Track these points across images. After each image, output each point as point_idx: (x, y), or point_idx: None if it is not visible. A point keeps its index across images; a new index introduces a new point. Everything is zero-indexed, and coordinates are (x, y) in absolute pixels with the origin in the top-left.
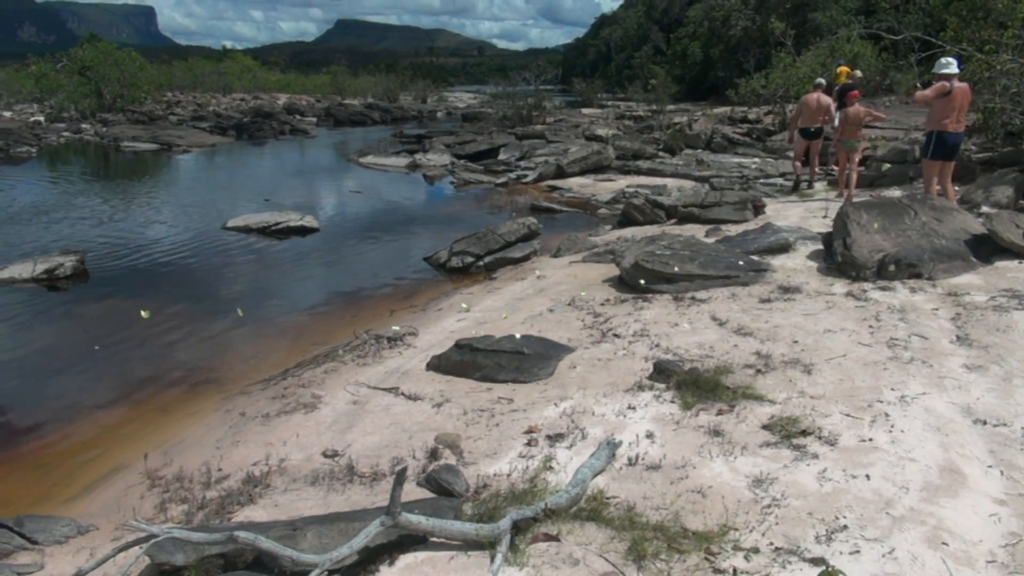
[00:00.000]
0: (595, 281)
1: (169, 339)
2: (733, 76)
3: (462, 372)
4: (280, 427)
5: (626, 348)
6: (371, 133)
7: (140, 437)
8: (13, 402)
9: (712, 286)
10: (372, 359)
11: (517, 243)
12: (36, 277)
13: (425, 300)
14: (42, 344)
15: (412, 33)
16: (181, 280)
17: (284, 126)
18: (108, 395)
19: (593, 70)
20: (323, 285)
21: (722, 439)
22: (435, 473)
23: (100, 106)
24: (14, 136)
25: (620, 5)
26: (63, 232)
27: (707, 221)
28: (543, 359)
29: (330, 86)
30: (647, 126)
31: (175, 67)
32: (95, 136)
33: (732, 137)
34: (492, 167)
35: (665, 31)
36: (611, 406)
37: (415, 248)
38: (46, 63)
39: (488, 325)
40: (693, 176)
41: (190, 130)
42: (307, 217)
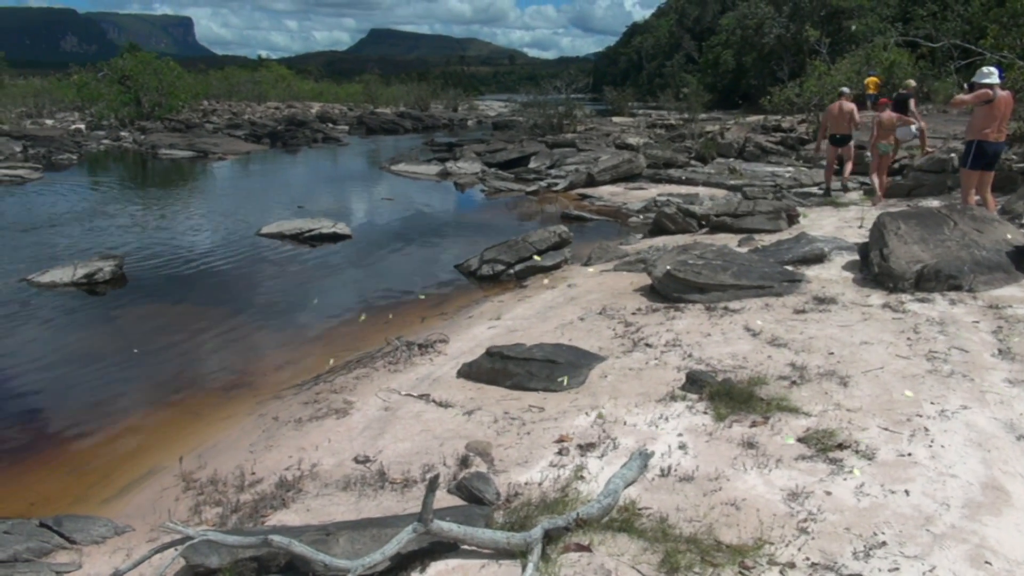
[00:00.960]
0: (626, 290)
1: (204, 343)
2: (766, 84)
3: (493, 380)
4: (312, 432)
5: (658, 358)
6: (402, 141)
7: (175, 440)
8: (53, 403)
9: (745, 296)
10: (403, 365)
11: (548, 251)
12: (76, 281)
13: (456, 307)
14: (82, 347)
15: (444, 42)
16: (216, 285)
17: (317, 134)
18: (144, 398)
19: (624, 78)
20: (355, 292)
21: (756, 451)
22: (466, 481)
23: (139, 114)
24: (56, 144)
25: (652, 14)
26: (102, 237)
27: (740, 230)
28: (574, 368)
29: (362, 95)
30: (679, 134)
31: (211, 76)
32: (133, 144)
33: (765, 146)
34: (522, 175)
35: (697, 39)
36: (643, 416)
37: (446, 255)
38: (87, 73)
39: (519, 333)
40: (725, 185)
41: (225, 138)
42: (339, 224)
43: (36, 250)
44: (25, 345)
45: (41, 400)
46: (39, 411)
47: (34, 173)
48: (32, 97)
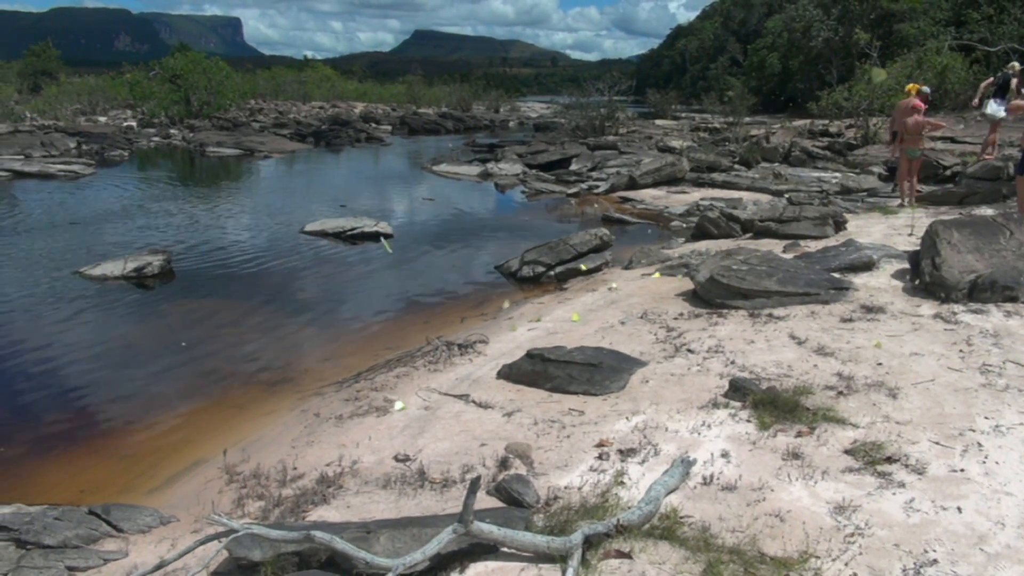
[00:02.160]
0: (668, 295)
1: (248, 338)
2: (813, 88)
3: (533, 382)
4: (353, 429)
5: (700, 364)
6: (444, 142)
7: (219, 433)
8: (104, 393)
9: (790, 303)
10: (444, 365)
11: (588, 254)
12: (126, 275)
13: (496, 308)
14: (131, 339)
15: (487, 44)
16: (261, 282)
17: (360, 134)
18: (190, 390)
19: (667, 81)
20: (395, 290)
21: (801, 462)
22: (505, 483)
23: (188, 112)
24: (109, 140)
25: (696, 16)
26: (151, 232)
27: (785, 236)
28: (615, 372)
29: (405, 95)
30: (722, 138)
31: (259, 76)
32: (182, 141)
33: (811, 150)
34: (563, 177)
35: (742, 42)
36: (685, 423)
37: (486, 256)
38: (139, 71)
39: (559, 336)
40: (770, 190)
41: (271, 136)
42: (381, 223)
43: (88, 244)
44: (77, 336)
45: (92, 390)
46: (90, 400)
47: (87, 169)
48: (87, 95)
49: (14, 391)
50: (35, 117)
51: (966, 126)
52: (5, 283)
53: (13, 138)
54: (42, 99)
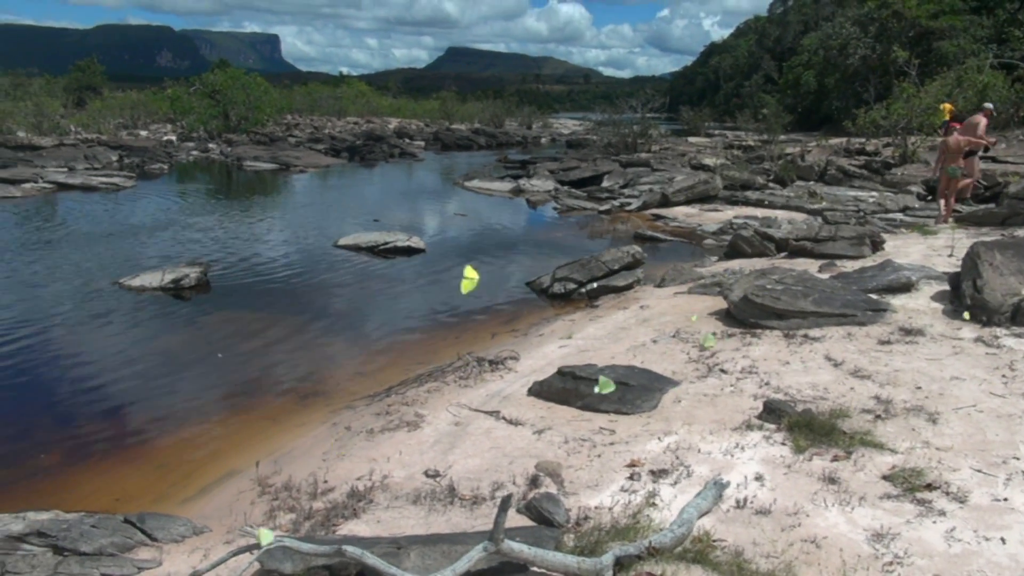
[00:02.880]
0: (701, 314)
1: (282, 351)
2: (850, 106)
3: (564, 399)
4: (383, 443)
5: (733, 385)
6: (476, 158)
7: (252, 444)
8: (141, 402)
9: (826, 324)
10: (474, 381)
11: (620, 271)
12: (164, 286)
13: (527, 325)
14: (168, 350)
15: (520, 60)
16: (295, 294)
17: (394, 149)
18: (224, 401)
19: (700, 98)
20: (427, 305)
21: (838, 487)
22: (536, 501)
23: (226, 127)
24: (149, 154)
25: (730, 34)
26: (188, 244)
27: (820, 256)
28: (647, 391)
29: (439, 111)
30: (757, 156)
31: (295, 92)
32: (220, 155)
33: (848, 169)
34: (595, 194)
35: (777, 60)
36: (718, 444)
37: (517, 272)
38: (180, 87)
39: (590, 353)
40: (805, 209)
41: (307, 151)
42: (414, 238)
43: (128, 255)
44: (115, 346)
45: (129, 399)
46: (127, 409)
47: (128, 181)
48: (129, 109)
49: (54, 399)
50: (79, 131)
51: (1008, 145)
52: (47, 293)
53: (58, 151)
54: (86, 113)
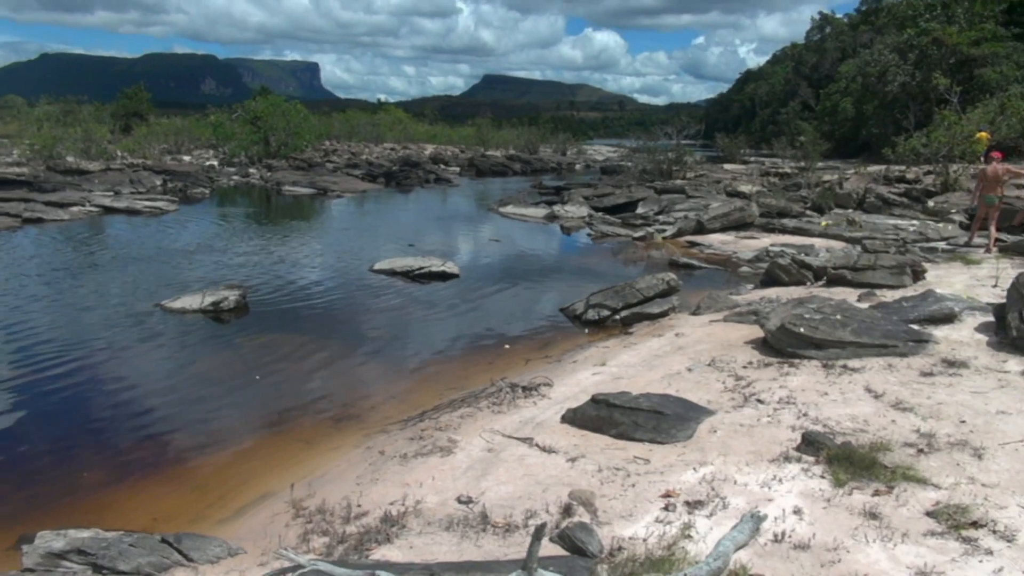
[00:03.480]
0: (737, 342)
1: (317, 374)
2: (889, 133)
3: (597, 427)
4: (417, 468)
5: (771, 415)
6: (511, 183)
7: (287, 466)
8: (179, 423)
9: (866, 355)
10: (507, 407)
11: (655, 298)
12: (204, 308)
13: (560, 351)
14: (206, 371)
15: (555, 88)
16: (331, 318)
17: (429, 175)
18: (261, 423)
19: (736, 125)
20: (461, 330)
21: (879, 523)
22: (569, 530)
23: (266, 153)
24: (192, 178)
25: (766, 61)
26: (228, 267)
27: (859, 285)
28: (682, 420)
29: (474, 137)
30: (794, 183)
31: (334, 118)
32: (260, 180)
33: (887, 197)
34: (630, 220)
35: (814, 87)
36: (755, 476)
37: (551, 298)
38: (223, 113)
39: (624, 381)
40: (843, 237)
41: (344, 177)
42: (448, 263)
43: (169, 277)
44: (157, 367)
45: (168, 419)
46: (166, 430)
47: (171, 205)
48: (173, 135)
49: (96, 419)
50: (125, 156)
51: None
52: (92, 314)
53: (105, 176)
54: (132, 139)
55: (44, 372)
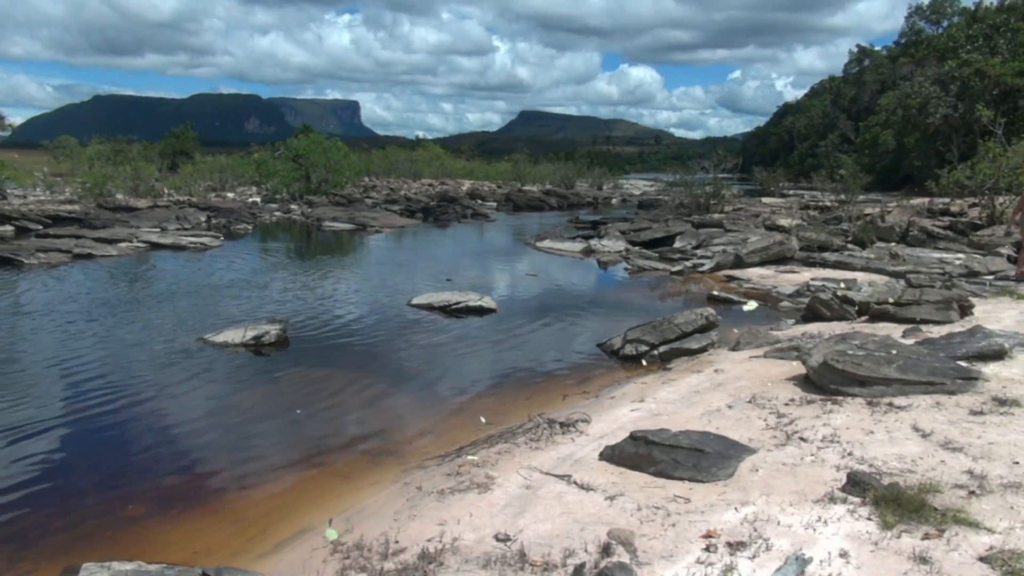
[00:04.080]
0: (778, 379)
1: (355, 408)
2: (931, 166)
3: (636, 465)
4: (454, 505)
5: (814, 454)
6: (547, 218)
7: (325, 501)
8: (221, 457)
9: (912, 392)
10: (545, 443)
11: (693, 334)
12: (245, 342)
13: (598, 387)
14: (247, 405)
15: (591, 123)
16: (369, 352)
17: (467, 210)
18: (300, 457)
19: (774, 159)
20: (498, 366)
21: (930, 568)
22: (608, 570)
23: (307, 189)
24: (235, 215)
25: (804, 94)
26: (269, 302)
27: (904, 320)
28: (723, 458)
29: (511, 173)
30: (834, 217)
31: (373, 155)
32: (301, 216)
33: (931, 230)
34: (667, 255)
35: (853, 119)
36: (798, 517)
37: (588, 333)
38: (266, 151)
39: (663, 418)
40: (886, 271)
41: (383, 212)
42: (485, 298)
43: (212, 311)
44: (199, 401)
45: (210, 453)
46: (208, 463)
47: (215, 241)
48: (218, 172)
49: (140, 451)
50: (172, 193)
51: None
52: (137, 347)
53: (152, 212)
54: (179, 177)
55: (90, 405)
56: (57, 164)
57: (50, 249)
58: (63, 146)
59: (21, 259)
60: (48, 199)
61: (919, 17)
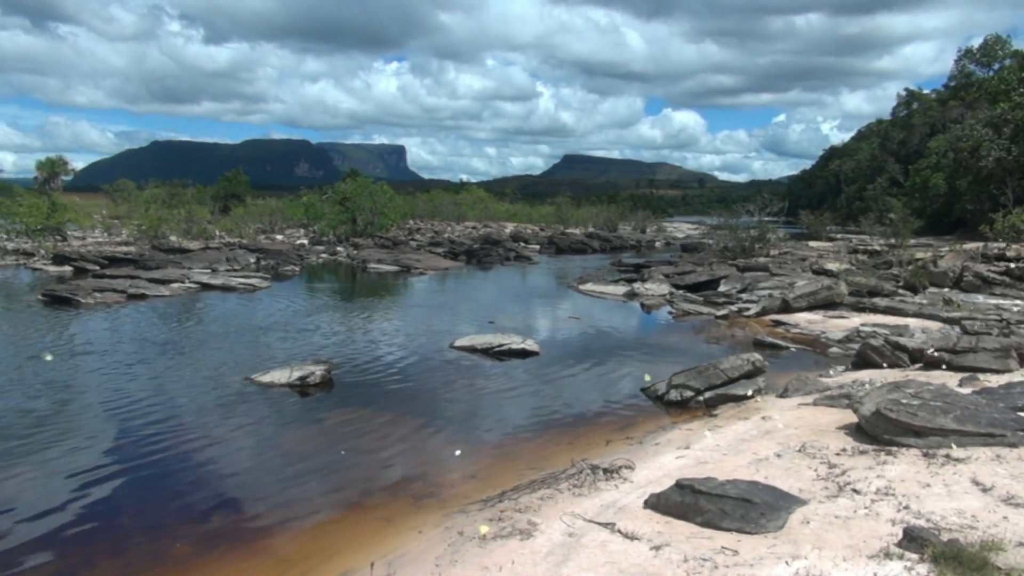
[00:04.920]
0: (828, 427)
1: (399, 450)
2: (985, 209)
3: (682, 514)
4: (496, 551)
5: (868, 507)
6: (590, 261)
7: (368, 543)
8: (266, 497)
9: (970, 444)
10: (588, 490)
11: (740, 379)
12: (291, 383)
13: (642, 432)
14: (292, 446)
15: (634, 166)
16: (413, 394)
17: (510, 253)
18: (342, 499)
19: (820, 202)
20: (540, 409)
21: None
22: None
23: (353, 232)
24: (283, 256)
25: (851, 137)
26: (315, 342)
27: (959, 368)
28: (772, 509)
29: (554, 216)
30: (884, 261)
31: (418, 198)
32: (347, 258)
33: (986, 276)
34: (712, 298)
35: (902, 163)
36: (853, 573)
37: (631, 377)
38: (314, 194)
39: (709, 466)
40: (940, 317)
41: (427, 254)
42: (528, 341)
43: (259, 351)
44: (245, 441)
45: (255, 492)
46: (253, 502)
47: (263, 282)
48: (267, 215)
49: (186, 490)
50: (223, 235)
51: None
52: (186, 387)
53: (203, 254)
54: (230, 219)
55: (140, 445)
56: (115, 207)
57: (106, 289)
58: (121, 190)
59: (78, 298)
60: (105, 240)
61: (969, 60)
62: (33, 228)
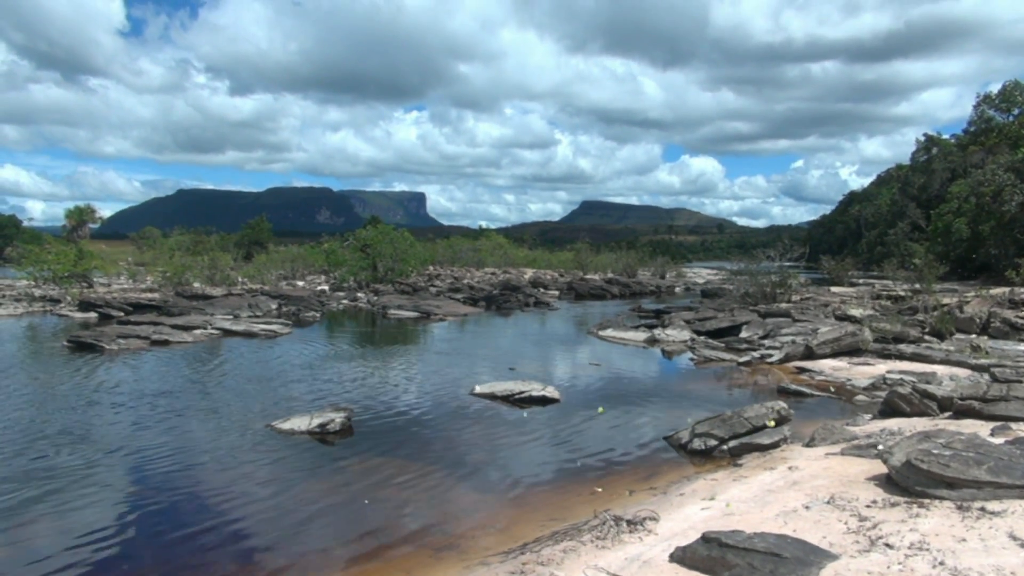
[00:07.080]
0: (857, 478)
1: (418, 500)
2: (1010, 254)
3: (709, 569)
4: None
5: (902, 562)
6: (610, 307)
7: None
8: (282, 547)
9: (1007, 497)
10: (611, 542)
11: (765, 428)
12: (311, 430)
13: (665, 482)
14: (311, 494)
15: (652, 212)
16: (433, 442)
17: (529, 298)
18: (361, 549)
19: (841, 247)
20: (561, 458)
21: None
22: None
23: (374, 278)
24: (304, 303)
25: (871, 182)
26: (335, 390)
27: (991, 417)
28: (802, 564)
29: (573, 261)
30: (908, 307)
31: (438, 244)
32: (367, 304)
33: (1015, 322)
34: (733, 345)
35: (923, 207)
36: None
37: (653, 425)
38: (335, 241)
39: (736, 518)
40: (968, 364)
41: (446, 300)
42: (548, 388)
43: (280, 398)
44: (263, 489)
45: (273, 542)
46: (271, 551)
47: (284, 328)
48: (289, 262)
49: (204, 539)
50: (245, 281)
51: None
52: (206, 433)
53: (226, 300)
54: (253, 266)
55: (158, 490)
56: (141, 254)
57: (130, 335)
58: (147, 237)
59: (103, 345)
60: (130, 287)
61: (988, 106)
62: (60, 275)
